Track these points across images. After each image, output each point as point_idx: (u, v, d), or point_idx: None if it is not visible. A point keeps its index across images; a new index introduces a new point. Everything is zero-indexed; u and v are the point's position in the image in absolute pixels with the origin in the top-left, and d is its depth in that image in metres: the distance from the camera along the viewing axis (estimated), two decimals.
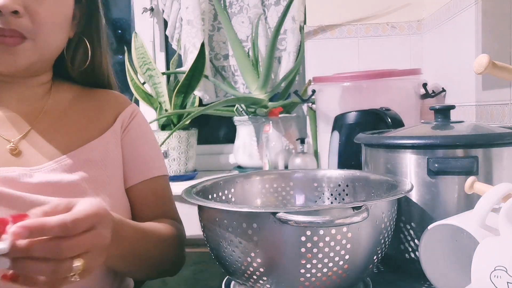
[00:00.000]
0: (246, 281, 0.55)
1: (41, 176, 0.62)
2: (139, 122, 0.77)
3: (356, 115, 0.97)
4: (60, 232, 0.43)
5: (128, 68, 1.54)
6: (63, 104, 0.71)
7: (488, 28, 0.98)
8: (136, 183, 0.73)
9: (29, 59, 0.62)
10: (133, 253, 0.61)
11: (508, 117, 0.89)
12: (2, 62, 0.60)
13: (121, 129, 0.74)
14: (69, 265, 0.43)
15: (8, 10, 0.57)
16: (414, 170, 0.64)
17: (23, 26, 0.59)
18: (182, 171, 1.50)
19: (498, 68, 0.55)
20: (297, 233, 0.50)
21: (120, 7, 1.85)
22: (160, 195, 0.76)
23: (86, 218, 0.45)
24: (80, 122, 0.70)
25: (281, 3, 1.63)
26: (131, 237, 0.60)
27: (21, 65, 0.62)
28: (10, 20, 0.57)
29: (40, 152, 0.65)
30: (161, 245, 0.67)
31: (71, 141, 0.68)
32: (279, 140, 1.43)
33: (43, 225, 0.42)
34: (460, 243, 0.58)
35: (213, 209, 0.55)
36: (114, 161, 0.71)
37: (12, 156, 0.63)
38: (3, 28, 0.57)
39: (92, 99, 0.74)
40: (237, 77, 1.70)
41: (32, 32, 0.60)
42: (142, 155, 0.75)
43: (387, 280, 0.66)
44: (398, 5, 1.45)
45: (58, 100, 0.71)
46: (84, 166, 0.66)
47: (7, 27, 0.58)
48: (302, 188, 0.76)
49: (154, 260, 0.67)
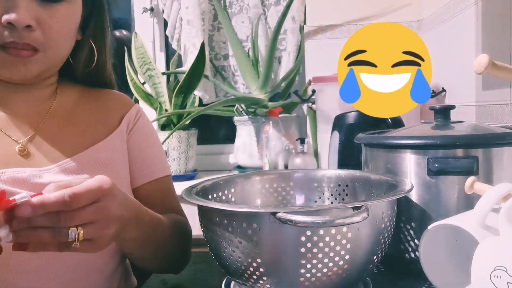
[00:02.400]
0: (246, 281, 0.55)
1: (51, 176, 0.64)
2: (144, 123, 0.78)
3: (356, 115, 0.97)
4: (60, 207, 0.46)
5: (128, 68, 1.54)
6: (68, 105, 0.72)
7: (488, 28, 0.98)
8: (142, 184, 0.76)
9: (40, 68, 0.64)
10: (149, 239, 0.64)
11: (508, 117, 0.89)
12: (15, 72, 0.62)
13: (127, 130, 0.75)
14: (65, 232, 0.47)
15: (22, 25, 0.58)
16: (414, 170, 0.64)
17: (35, 40, 0.60)
18: (182, 171, 1.50)
19: (498, 68, 0.55)
20: (297, 233, 0.50)
21: (120, 7, 1.85)
22: (166, 194, 0.79)
23: (86, 192, 0.48)
24: (87, 123, 0.72)
25: (281, 3, 1.63)
26: (148, 222, 0.62)
27: (32, 74, 0.64)
28: (23, 34, 0.59)
29: (48, 153, 0.66)
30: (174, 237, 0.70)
31: (79, 142, 0.69)
32: (279, 140, 1.43)
33: (42, 202, 0.45)
34: (460, 243, 0.58)
35: (213, 209, 0.55)
36: (121, 162, 0.73)
37: (22, 157, 0.65)
38: (17, 42, 0.59)
39: (96, 100, 0.75)
40: (237, 77, 1.70)
41: (44, 45, 0.62)
42: (148, 157, 0.77)
43: (387, 280, 0.66)
44: (398, 5, 1.45)
45: (64, 101, 0.72)
46: (92, 167, 0.68)
47: (20, 41, 0.59)
48: (302, 188, 0.76)
49: (167, 250, 0.70)
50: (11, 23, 0.58)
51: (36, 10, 0.60)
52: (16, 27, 0.58)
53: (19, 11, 0.58)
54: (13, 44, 0.59)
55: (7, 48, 0.60)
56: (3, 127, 0.66)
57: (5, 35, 0.59)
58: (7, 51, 0.60)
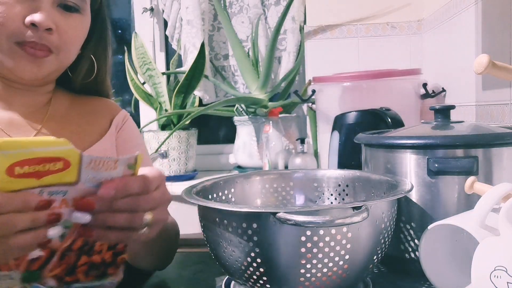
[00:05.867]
0: (246, 281, 0.55)
1: None
2: (131, 126, 0.82)
3: (356, 115, 0.97)
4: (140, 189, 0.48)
5: (128, 68, 1.54)
6: (62, 111, 0.75)
7: (488, 28, 0.98)
8: None
9: (49, 70, 0.67)
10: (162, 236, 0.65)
11: (508, 117, 0.89)
12: (28, 70, 0.65)
13: (116, 132, 0.78)
14: (141, 217, 0.49)
15: (44, 27, 0.62)
16: (414, 170, 0.64)
17: (52, 42, 0.64)
18: (182, 171, 1.50)
19: (498, 68, 0.55)
20: (297, 233, 0.50)
21: (120, 7, 1.85)
22: None
23: (154, 178, 0.50)
24: (81, 127, 0.74)
25: (281, 3, 1.63)
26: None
27: (42, 75, 0.66)
28: (43, 35, 0.63)
29: None
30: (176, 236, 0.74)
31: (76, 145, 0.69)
32: (279, 140, 1.43)
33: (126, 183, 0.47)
34: (460, 243, 0.58)
35: (213, 209, 0.55)
36: None
37: None
38: (36, 42, 0.63)
39: (87, 105, 0.78)
40: (237, 77, 1.70)
41: (58, 48, 0.66)
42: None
43: (387, 280, 0.66)
44: (398, 5, 1.45)
45: (58, 107, 0.74)
46: None
47: (39, 41, 0.63)
48: (302, 188, 0.76)
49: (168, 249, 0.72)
50: (34, 24, 0.62)
51: (56, 16, 0.64)
52: (38, 28, 0.62)
53: (42, 14, 0.62)
54: (32, 44, 0.63)
55: (25, 46, 0.63)
56: (5, 128, 0.67)
57: (27, 34, 0.62)
58: (24, 49, 0.63)
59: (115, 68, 1.83)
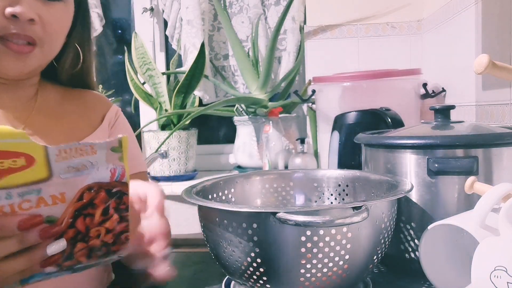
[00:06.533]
0: (246, 281, 0.55)
1: None
2: (123, 122, 0.82)
3: (356, 115, 0.97)
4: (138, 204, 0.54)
5: (128, 68, 1.54)
6: (52, 103, 0.74)
7: (488, 28, 0.98)
8: None
9: (35, 64, 0.66)
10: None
11: (508, 117, 0.89)
12: (12, 67, 0.64)
13: (109, 127, 0.78)
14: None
15: (26, 18, 0.61)
16: (414, 170, 0.64)
17: (36, 33, 0.63)
18: (182, 171, 1.50)
19: (498, 68, 0.55)
20: (297, 233, 0.50)
21: (120, 7, 1.85)
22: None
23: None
24: (71, 121, 0.73)
25: (281, 3, 1.63)
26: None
27: (28, 70, 0.65)
28: (25, 26, 0.61)
29: None
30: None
31: (66, 138, 0.71)
32: (279, 140, 1.43)
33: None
34: (460, 243, 0.58)
35: (213, 209, 0.55)
36: None
37: None
38: (19, 34, 0.61)
39: (78, 99, 0.78)
40: (237, 77, 1.70)
41: (42, 39, 0.64)
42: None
43: (387, 280, 0.66)
44: (398, 5, 1.45)
45: (46, 100, 0.73)
46: None
47: (22, 32, 0.62)
48: (302, 188, 0.76)
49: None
50: (15, 15, 0.60)
51: (37, 6, 0.62)
52: (19, 20, 0.60)
53: (23, 5, 0.60)
54: (16, 36, 0.61)
55: (8, 41, 0.61)
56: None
57: (8, 27, 0.61)
58: (8, 45, 0.62)
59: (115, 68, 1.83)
